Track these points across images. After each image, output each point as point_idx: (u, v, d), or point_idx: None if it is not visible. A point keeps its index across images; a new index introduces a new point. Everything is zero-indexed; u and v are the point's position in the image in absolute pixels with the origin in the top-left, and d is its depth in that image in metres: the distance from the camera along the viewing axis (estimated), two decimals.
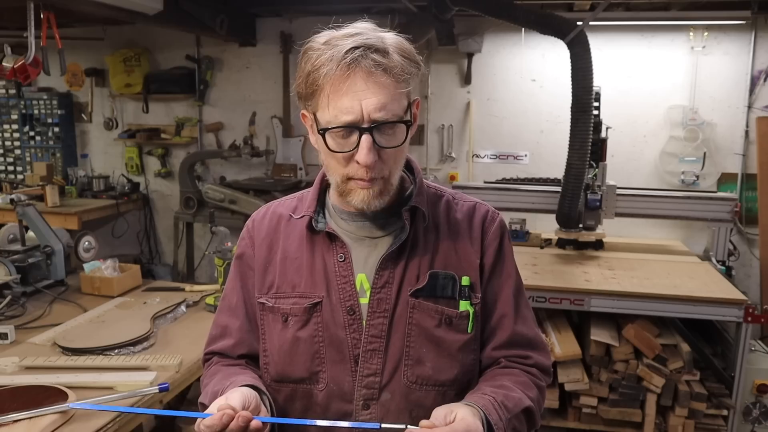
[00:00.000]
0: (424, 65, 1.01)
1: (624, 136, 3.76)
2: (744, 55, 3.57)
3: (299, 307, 1.03)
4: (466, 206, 1.11)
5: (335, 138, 0.94)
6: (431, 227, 1.06)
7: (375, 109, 0.90)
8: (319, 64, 0.91)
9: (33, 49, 2.69)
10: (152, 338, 1.96)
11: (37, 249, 2.49)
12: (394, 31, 0.97)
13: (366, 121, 0.91)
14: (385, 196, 0.98)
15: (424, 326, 1.02)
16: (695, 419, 2.70)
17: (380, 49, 0.91)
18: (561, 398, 2.82)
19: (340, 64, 0.89)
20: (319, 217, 1.07)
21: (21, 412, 1.40)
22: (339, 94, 0.90)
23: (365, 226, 1.05)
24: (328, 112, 0.92)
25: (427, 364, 1.02)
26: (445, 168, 4.15)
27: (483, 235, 1.08)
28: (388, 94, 0.91)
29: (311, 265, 1.05)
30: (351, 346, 1.01)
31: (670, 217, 3.40)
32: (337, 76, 0.90)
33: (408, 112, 0.96)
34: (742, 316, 2.59)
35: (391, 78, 0.91)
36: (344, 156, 0.94)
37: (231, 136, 4.47)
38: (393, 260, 1.03)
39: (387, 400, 1.02)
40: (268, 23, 4.30)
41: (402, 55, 0.94)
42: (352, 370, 1.01)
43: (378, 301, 1.01)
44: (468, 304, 1.03)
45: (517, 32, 3.79)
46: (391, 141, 0.94)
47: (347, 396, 1.02)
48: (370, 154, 0.91)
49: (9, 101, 4.72)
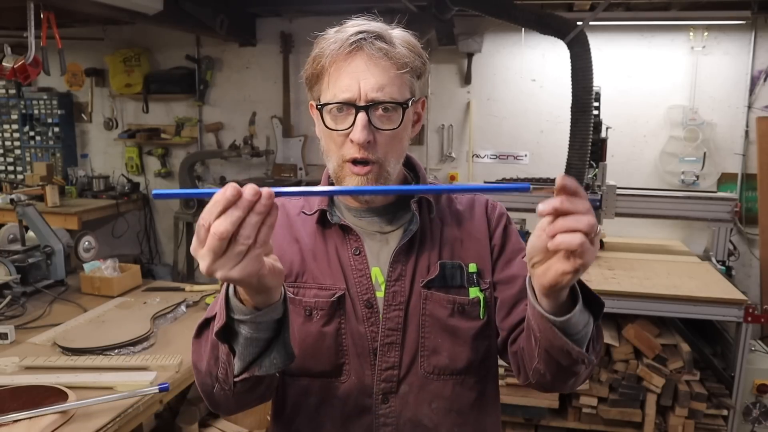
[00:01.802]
0: (429, 65, 1.01)
1: (624, 136, 3.76)
2: (744, 55, 3.57)
3: (325, 301, 1.01)
4: (466, 198, 1.13)
5: (332, 116, 0.95)
6: (436, 219, 1.07)
7: (372, 89, 0.91)
8: (326, 46, 0.94)
9: (33, 49, 2.70)
10: (152, 338, 1.96)
11: (37, 249, 2.49)
12: (401, 27, 0.99)
13: (363, 100, 0.92)
14: (381, 183, 0.98)
15: (438, 316, 1.02)
16: (695, 419, 2.69)
17: (385, 38, 0.94)
18: (561, 398, 2.82)
19: (343, 44, 0.92)
20: (332, 210, 1.06)
21: (21, 412, 1.40)
22: (339, 73, 0.93)
23: (374, 221, 1.06)
24: (329, 92, 0.94)
25: (443, 353, 1.02)
26: (445, 168, 4.14)
27: (488, 221, 1.09)
28: (387, 78, 0.92)
29: (327, 257, 1.04)
30: (370, 340, 1.01)
31: (670, 217, 3.40)
32: (340, 56, 0.93)
33: (409, 102, 0.96)
34: (742, 316, 2.59)
35: (392, 63, 0.93)
36: (340, 135, 0.95)
37: (231, 136, 4.47)
38: (405, 253, 1.03)
39: (406, 392, 1.02)
40: (268, 23, 4.30)
41: (406, 47, 0.96)
42: (371, 363, 1.01)
43: (393, 294, 1.02)
44: (478, 291, 1.03)
45: (517, 32, 3.79)
46: (386, 123, 0.94)
47: (367, 390, 1.02)
48: (363, 131, 0.92)
49: (9, 101, 4.72)
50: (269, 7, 4.04)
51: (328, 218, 1.04)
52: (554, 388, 0.98)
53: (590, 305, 0.85)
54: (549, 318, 0.80)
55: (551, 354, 0.85)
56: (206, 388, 0.91)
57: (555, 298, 0.79)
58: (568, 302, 0.81)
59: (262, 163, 4.43)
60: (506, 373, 2.84)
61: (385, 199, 1.04)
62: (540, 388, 0.99)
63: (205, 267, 0.69)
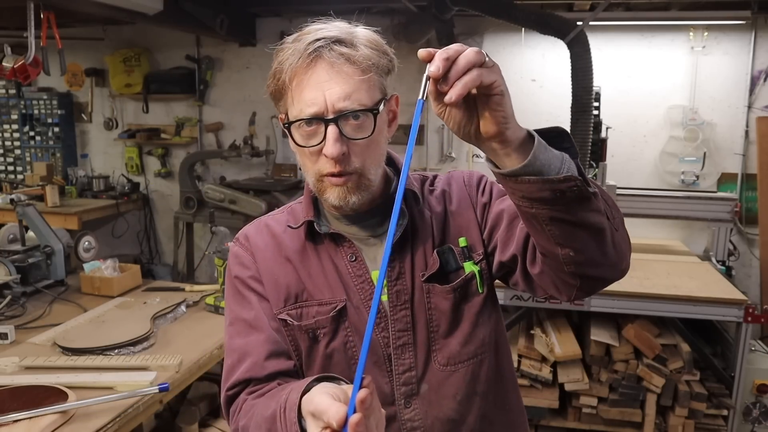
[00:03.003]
0: (396, 59, 0.99)
1: (624, 136, 3.76)
2: (744, 55, 3.57)
3: (325, 318, 0.98)
4: (443, 178, 1.10)
5: (302, 132, 0.91)
6: (424, 209, 1.05)
7: (339, 98, 0.87)
8: (284, 59, 0.90)
9: (33, 49, 2.69)
10: (152, 338, 1.96)
11: (37, 249, 2.49)
12: (362, 24, 0.95)
13: (330, 112, 0.88)
14: (363, 191, 0.94)
15: (443, 309, 1.00)
16: (695, 419, 2.70)
17: (344, 41, 0.90)
18: (561, 398, 2.82)
19: (302, 56, 0.88)
20: (319, 220, 1.03)
21: (21, 412, 1.40)
22: (302, 87, 0.89)
23: (366, 225, 1.03)
24: (294, 107, 0.91)
25: (453, 342, 1.00)
26: (445, 168, 4.14)
27: (468, 191, 1.07)
28: (352, 84, 0.88)
29: (322, 270, 1.01)
30: (383, 346, 0.99)
31: (670, 217, 3.40)
32: (300, 68, 0.89)
33: (379, 105, 0.92)
34: (742, 316, 2.59)
35: (355, 68, 0.88)
36: (312, 151, 0.91)
37: (231, 136, 4.47)
38: (399, 250, 1.01)
39: (426, 391, 1.00)
40: (268, 23, 4.30)
41: (369, 46, 0.91)
42: (387, 370, 0.99)
43: (397, 293, 1.00)
44: (471, 264, 1.01)
45: (517, 32, 3.79)
46: (359, 132, 0.90)
47: (388, 398, 0.99)
48: (336, 145, 0.88)
49: (9, 101, 4.72)
50: (269, 7, 4.04)
51: (316, 229, 1.01)
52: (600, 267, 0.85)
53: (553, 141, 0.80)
54: (515, 170, 0.76)
55: (555, 218, 0.78)
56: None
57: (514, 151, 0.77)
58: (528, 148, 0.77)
59: (262, 163, 4.43)
60: None
61: (370, 203, 1.00)
62: (587, 283, 0.87)
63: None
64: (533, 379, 2.82)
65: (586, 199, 0.77)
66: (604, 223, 0.81)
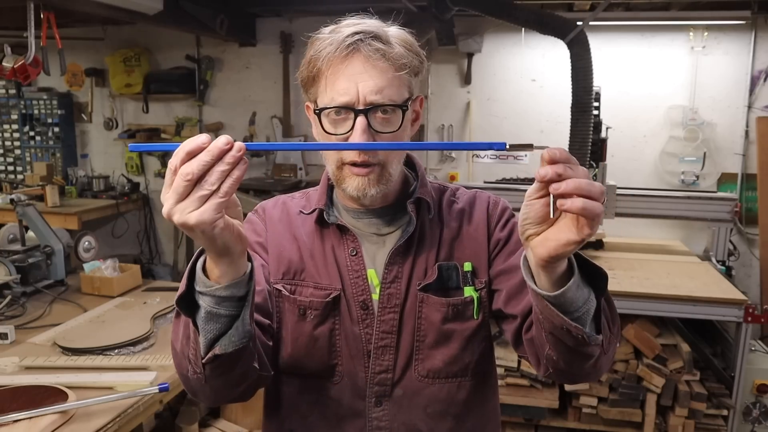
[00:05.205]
0: (426, 63, 1.00)
1: (624, 136, 3.76)
2: (744, 55, 3.57)
3: (319, 301, 1.01)
4: (467, 195, 1.11)
5: (331, 119, 0.94)
6: (436, 220, 1.05)
7: (371, 91, 0.90)
8: (321, 47, 0.92)
9: (33, 49, 2.69)
10: (152, 338, 1.96)
11: (37, 249, 2.49)
12: (398, 25, 0.98)
13: (361, 104, 0.90)
14: (382, 185, 0.96)
15: (433, 320, 1.01)
16: (695, 419, 2.69)
17: (381, 38, 0.92)
18: (561, 398, 2.82)
19: (339, 46, 0.90)
20: (330, 210, 1.06)
21: (21, 412, 1.40)
22: (336, 76, 0.91)
23: (372, 222, 1.04)
24: (326, 95, 0.93)
25: (438, 357, 1.01)
26: (445, 168, 4.15)
27: (488, 218, 1.06)
28: (385, 79, 0.91)
29: (324, 257, 1.03)
30: (364, 342, 1.00)
31: (670, 217, 3.40)
32: (337, 58, 0.91)
33: (407, 102, 0.95)
34: (742, 316, 2.59)
35: (389, 64, 0.91)
36: (338, 139, 0.93)
37: (231, 135, 4.41)
38: (401, 255, 1.02)
39: (400, 396, 1.01)
40: (268, 23, 4.30)
41: (404, 46, 0.94)
42: (365, 365, 1.01)
43: (388, 296, 1.01)
44: (472, 290, 1.02)
45: (517, 32, 3.79)
46: (386, 126, 0.93)
47: (360, 392, 1.01)
48: (363, 135, 0.90)
49: (9, 101, 4.72)
50: (269, 7, 4.04)
51: (324, 218, 1.03)
52: (574, 377, 0.92)
53: (592, 280, 0.80)
54: (542, 294, 0.76)
55: (556, 336, 0.80)
56: (182, 371, 0.86)
57: (551, 273, 0.75)
58: (565, 277, 0.76)
59: (262, 163, 4.43)
60: (506, 373, 2.84)
61: (383, 201, 1.03)
62: (560, 377, 0.92)
63: (166, 209, 0.69)
64: (533, 379, 2.82)
65: (587, 344, 0.79)
66: (596, 353, 0.83)
